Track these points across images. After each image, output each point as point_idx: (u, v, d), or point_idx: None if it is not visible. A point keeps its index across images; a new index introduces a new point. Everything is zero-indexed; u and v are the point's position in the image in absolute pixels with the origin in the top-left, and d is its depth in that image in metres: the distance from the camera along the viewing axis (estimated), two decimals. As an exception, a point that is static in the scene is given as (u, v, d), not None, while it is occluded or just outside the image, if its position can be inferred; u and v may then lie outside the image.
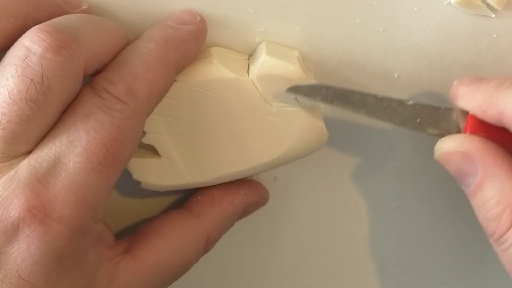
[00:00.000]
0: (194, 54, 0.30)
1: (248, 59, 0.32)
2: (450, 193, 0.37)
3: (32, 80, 0.25)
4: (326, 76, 0.33)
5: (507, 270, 0.28)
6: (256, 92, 0.31)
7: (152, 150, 0.33)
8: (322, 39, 0.32)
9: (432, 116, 0.30)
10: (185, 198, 0.35)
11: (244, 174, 0.33)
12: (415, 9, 0.32)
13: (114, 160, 0.26)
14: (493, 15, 0.31)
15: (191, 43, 0.30)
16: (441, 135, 0.30)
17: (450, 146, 0.28)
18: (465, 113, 0.29)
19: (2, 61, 0.26)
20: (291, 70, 0.31)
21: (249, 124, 0.32)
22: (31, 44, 0.25)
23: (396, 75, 0.33)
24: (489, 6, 0.31)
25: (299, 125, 0.32)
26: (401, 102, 0.30)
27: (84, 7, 0.30)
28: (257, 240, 0.38)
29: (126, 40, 0.30)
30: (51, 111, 0.26)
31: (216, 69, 0.31)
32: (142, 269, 0.30)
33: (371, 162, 0.36)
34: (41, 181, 0.25)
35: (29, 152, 0.26)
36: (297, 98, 0.31)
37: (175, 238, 0.31)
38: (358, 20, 0.32)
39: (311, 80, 0.32)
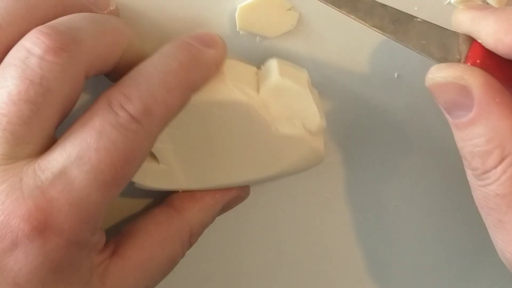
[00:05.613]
0: (212, 76, 0.30)
1: (257, 73, 0.32)
2: (449, 192, 0.37)
3: (31, 81, 0.25)
4: (326, 73, 0.33)
5: (478, 205, 0.27)
6: (264, 115, 0.31)
7: (150, 154, 0.32)
8: (322, 38, 0.33)
9: (438, 38, 0.28)
10: (167, 192, 0.35)
11: (237, 185, 0.34)
12: (415, 8, 0.32)
13: (121, 181, 0.26)
14: (493, 15, 0.31)
15: (212, 68, 0.30)
16: (442, 61, 0.28)
17: (448, 76, 0.27)
18: (469, 41, 0.28)
19: (3, 62, 0.26)
20: (302, 94, 0.31)
21: (251, 143, 0.32)
22: (31, 46, 0.25)
23: (396, 74, 0.34)
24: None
25: (300, 149, 0.32)
26: (410, 17, 0.28)
27: (111, 8, 0.30)
28: (256, 238, 0.38)
29: (133, 40, 0.29)
30: (51, 112, 0.26)
31: (229, 91, 0.30)
32: (132, 268, 0.30)
33: (371, 161, 0.36)
34: (44, 192, 0.25)
35: (32, 154, 0.26)
36: (303, 125, 0.31)
37: (159, 235, 0.32)
38: (358, 19, 0.32)
39: (317, 102, 0.32)
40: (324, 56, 0.33)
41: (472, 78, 0.26)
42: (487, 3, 0.31)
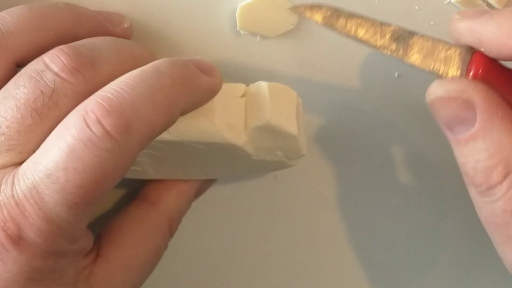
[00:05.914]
0: (204, 104, 0.28)
1: (245, 93, 0.30)
2: (449, 192, 0.37)
3: (42, 92, 0.25)
4: (325, 73, 0.33)
5: (483, 222, 0.27)
6: (248, 150, 0.30)
7: None
8: (322, 38, 0.32)
9: (439, 52, 0.28)
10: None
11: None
12: (416, 7, 0.32)
13: (92, 200, 0.25)
14: (494, 14, 0.31)
15: (204, 95, 0.28)
16: (444, 75, 0.27)
17: (451, 90, 0.26)
18: (470, 52, 0.27)
19: (20, 71, 0.26)
20: (290, 134, 0.30)
21: (231, 164, 0.32)
22: (49, 62, 0.26)
23: (396, 74, 0.33)
24: (489, 5, 0.31)
25: (274, 167, 0.33)
26: (410, 34, 0.28)
27: (125, 25, 0.30)
28: (257, 239, 0.38)
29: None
30: (52, 127, 0.25)
31: (216, 133, 0.29)
32: (117, 268, 0.30)
33: (370, 161, 0.36)
34: (18, 205, 0.24)
35: (18, 164, 0.25)
36: (284, 154, 0.31)
37: (139, 231, 0.31)
38: (358, 19, 0.32)
39: (304, 142, 0.31)
40: (324, 56, 0.33)
41: (475, 92, 0.26)
42: (488, 3, 0.31)
